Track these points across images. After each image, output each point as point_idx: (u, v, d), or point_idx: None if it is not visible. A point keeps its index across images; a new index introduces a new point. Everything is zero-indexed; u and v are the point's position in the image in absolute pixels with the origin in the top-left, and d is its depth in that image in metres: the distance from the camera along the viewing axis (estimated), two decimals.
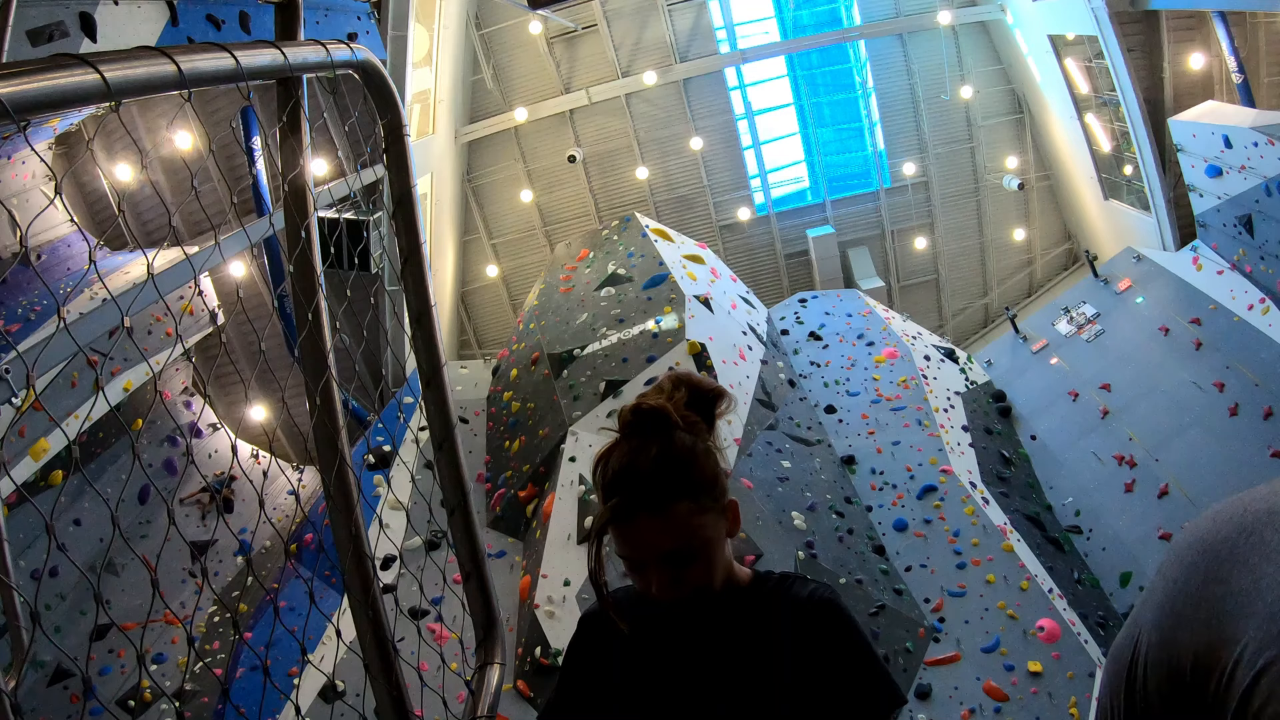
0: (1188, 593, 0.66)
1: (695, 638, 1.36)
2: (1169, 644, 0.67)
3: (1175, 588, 0.68)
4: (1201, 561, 0.66)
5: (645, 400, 1.33)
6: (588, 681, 1.45)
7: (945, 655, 6.40)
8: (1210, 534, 0.67)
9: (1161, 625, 0.68)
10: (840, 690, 1.29)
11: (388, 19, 10.05)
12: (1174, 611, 0.67)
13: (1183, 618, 0.66)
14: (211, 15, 6.13)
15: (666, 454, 1.26)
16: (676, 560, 1.26)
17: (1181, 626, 0.66)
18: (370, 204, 10.41)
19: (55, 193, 10.04)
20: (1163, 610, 0.69)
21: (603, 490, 1.28)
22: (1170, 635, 0.67)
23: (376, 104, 1.93)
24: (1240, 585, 0.61)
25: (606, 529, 1.26)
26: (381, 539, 5.88)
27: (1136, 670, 0.71)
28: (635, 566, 1.29)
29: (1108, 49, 10.40)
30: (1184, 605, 0.66)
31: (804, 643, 1.32)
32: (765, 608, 1.37)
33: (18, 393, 5.69)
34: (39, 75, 1.01)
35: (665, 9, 13.64)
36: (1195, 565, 0.67)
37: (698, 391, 1.35)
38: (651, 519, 1.24)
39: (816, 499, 7.56)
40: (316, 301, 1.82)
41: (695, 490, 1.26)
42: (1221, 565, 0.64)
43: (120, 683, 7.41)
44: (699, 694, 1.34)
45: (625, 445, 1.29)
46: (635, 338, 8.72)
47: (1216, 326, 8.92)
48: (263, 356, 9.92)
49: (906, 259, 15.20)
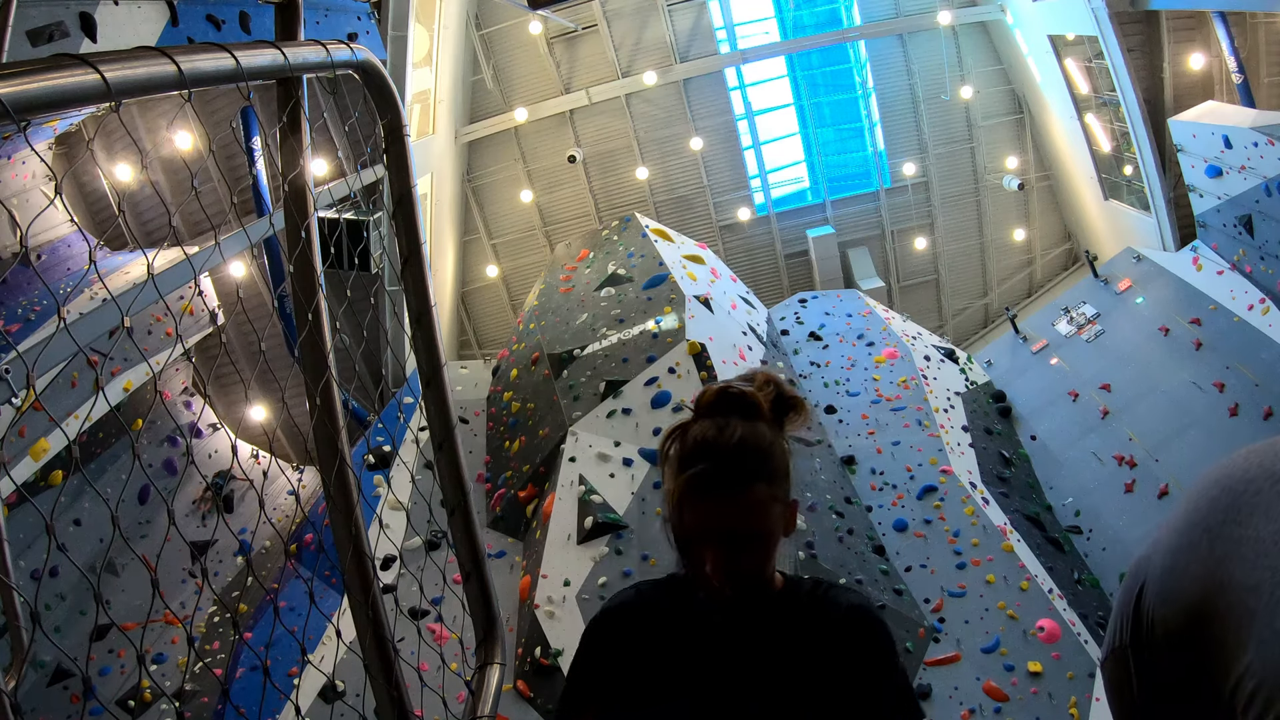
0: (1207, 526, 0.65)
1: (733, 637, 1.36)
2: (1180, 573, 0.66)
3: (1193, 518, 0.67)
4: (1224, 499, 0.65)
5: (734, 385, 1.34)
6: (617, 675, 1.41)
7: (945, 655, 6.40)
8: (1239, 473, 0.66)
9: (1176, 551, 0.67)
10: (870, 705, 1.31)
11: (388, 19, 10.05)
12: (1190, 543, 0.66)
13: (1198, 549, 0.65)
14: (211, 15, 6.13)
15: (750, 436, 1.27)
16: (739, 543, 1.25)
17: (1195, 560, 0.65)
18: (370, 204, 10.42)
19: (55, 193, 10.04)
20: (1179, 538, 0.68)
21: (678, 461, 1.28)
22: (1182, 565, 0.66)
23: (376, 104, 1.92)
24: (1259, 532, 0.60)
25: (685, 499, 1.26)
26: (381, 539, 5.88)
27: (1144, 603, 0.70)
28: (696, 540, 1.27)
29: (1108, 49, 10.40)
30: (1200, 537, 0.65)
31: (842, 654, 1.33)
32: (804, 614, 1.37)
33: (18, 393, 5.69)
34: (39, 75, 1.01)
35: (665, 9, 13.64)
36: (1216, 501, 0.66)
37: (781, 395, 1.37)
38: (727, 495, 1.24)
39: (816, 499, 7.56)
40: (316, 301, 1.82)
41: (771, 477, 1.27)
42: (1243, 508, 0.63)
43: (120, 683, 7.41)
44: (732, 692, 1.33)
45: (708, 422, 1.29)
46: (635, 338, 8.72)
47: (1216, 327, 8.92)
48: (263, 356, 9.92)
49: (906, 259, 15.20)
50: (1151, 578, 0.70)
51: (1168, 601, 0.67)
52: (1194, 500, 0.69)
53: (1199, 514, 0.67)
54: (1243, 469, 0.66)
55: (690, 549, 1.29)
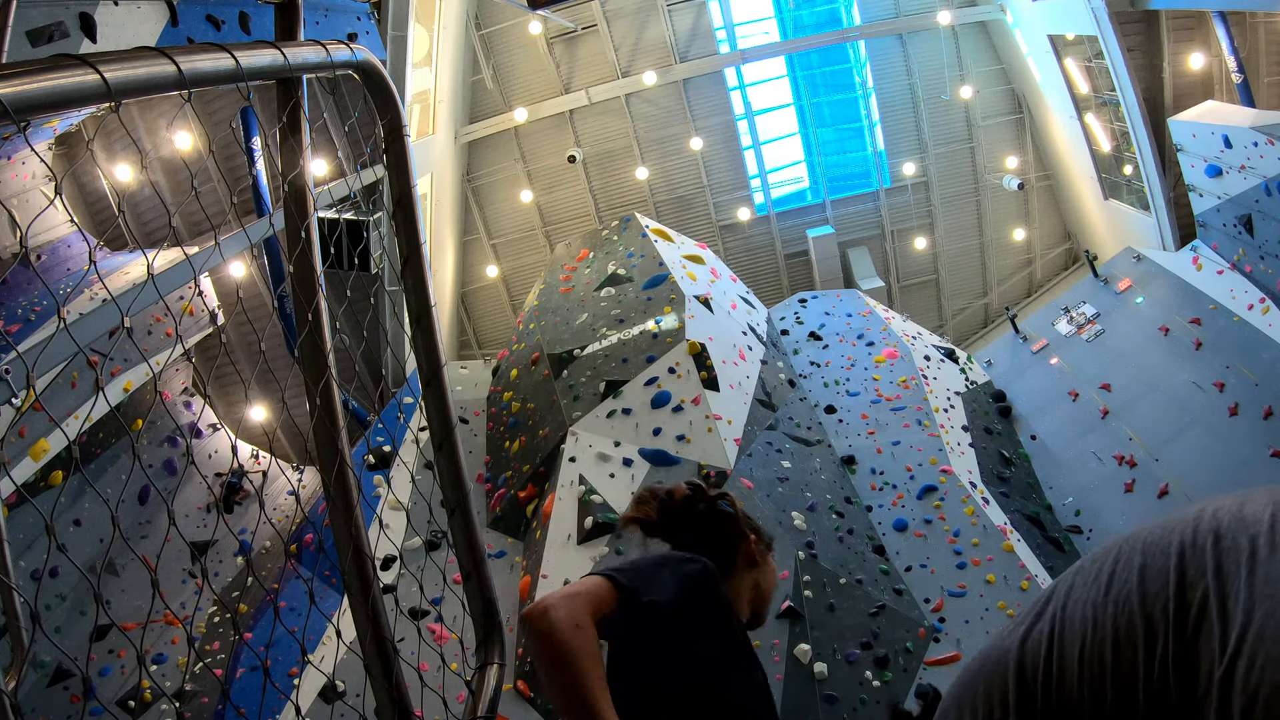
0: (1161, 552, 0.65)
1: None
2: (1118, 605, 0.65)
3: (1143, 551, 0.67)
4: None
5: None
6: (707, 625, 1.65)
7: (945, 655, 6.40)
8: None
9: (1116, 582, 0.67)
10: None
11: (388, 19, 10.05)
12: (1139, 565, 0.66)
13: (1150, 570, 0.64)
14: (211, 15, 6.13)
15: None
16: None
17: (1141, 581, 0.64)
18: (370, 204, 10.42)
19: (55, 193, 10.04)
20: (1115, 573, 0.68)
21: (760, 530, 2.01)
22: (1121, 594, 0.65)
23: (376, 104, 1.92)
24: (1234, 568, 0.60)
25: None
26: (381, 539, 5.88)
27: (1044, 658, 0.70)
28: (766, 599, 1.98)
29: (1107, 49, 10.40)
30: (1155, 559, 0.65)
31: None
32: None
33: (18, 393, 5.69)
34: (39, 75, 1.01)
35: (665, 9, 13.64)
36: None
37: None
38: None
39: (816, 499, 7.56)
40: (316, 301, 1.82)
41: None
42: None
43: (120, 683, 7.41)
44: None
45: (765, 531, 2.03)
46: (635, 338, 8.72)
47: (1216, 326, 8.92)
48: (263, 356, 9.91)
49: (906, 259, 15.20)
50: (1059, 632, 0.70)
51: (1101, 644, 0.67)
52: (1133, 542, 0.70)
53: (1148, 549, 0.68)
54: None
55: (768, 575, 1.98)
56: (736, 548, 1.87)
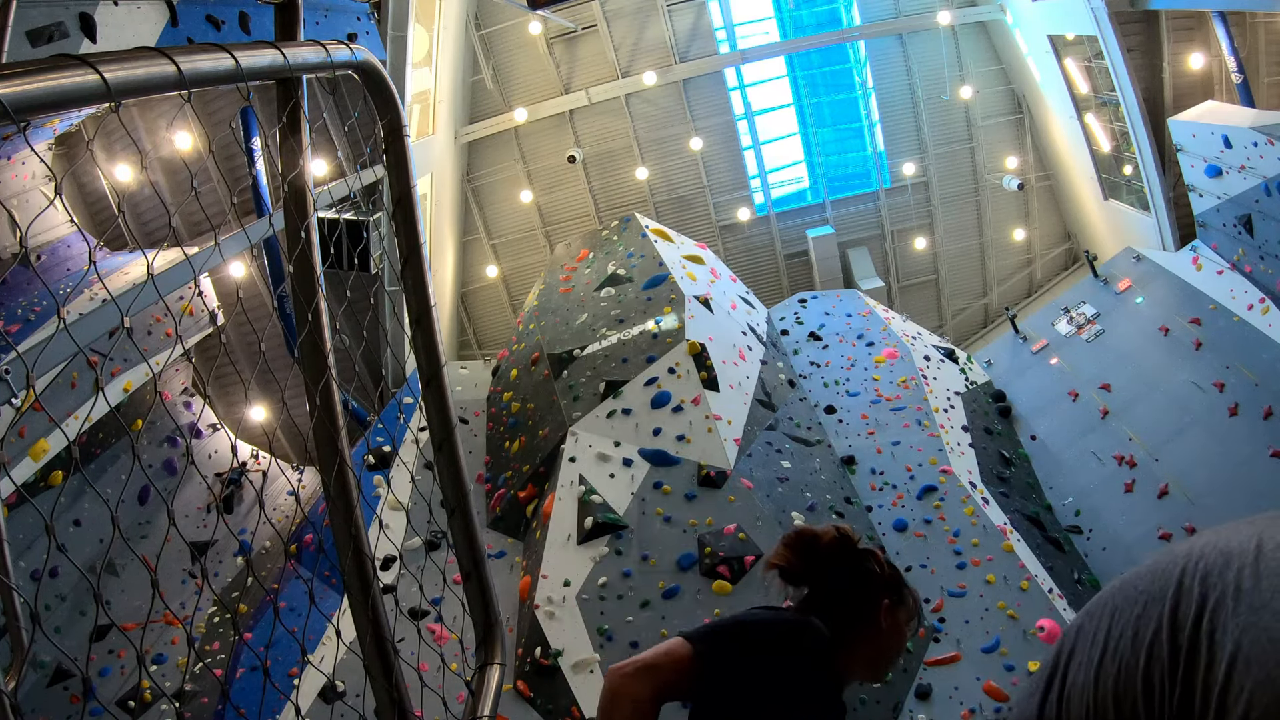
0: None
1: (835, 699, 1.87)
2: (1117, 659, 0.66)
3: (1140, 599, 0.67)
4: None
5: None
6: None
7: (945, 655, 6.40)
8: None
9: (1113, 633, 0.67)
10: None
11: (388, 19, 10.06)
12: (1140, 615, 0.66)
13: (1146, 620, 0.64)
14: (211, 16, 6.13)
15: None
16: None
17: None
18: (370, 204, 10.42)
19: (55, 193, 10.04)
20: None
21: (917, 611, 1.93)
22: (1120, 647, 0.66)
23: (376, 104, 1.93)
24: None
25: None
26: (381, 539, 5.88)
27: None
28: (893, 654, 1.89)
29: (1107, 49, 10.40)
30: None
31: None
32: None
33: (18, 393, 5.69)
34: (39, 75, 1.01)
35: (665, 9, 13.64)
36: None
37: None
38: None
39: (816, 499, 7.56)
40: (316, 301, 1.82)
41: None
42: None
43: (120, 683, 7.41)
44: None
45: (910, 595, 1.91)
46: (635, 338, 8.72)
47: (1216, 326, 8.92)
48: (263, 356, 9.91)
49: (906, 259, 15.20)
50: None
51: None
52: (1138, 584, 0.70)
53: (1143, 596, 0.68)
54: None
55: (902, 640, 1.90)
56: (870, 608, 1.83)
